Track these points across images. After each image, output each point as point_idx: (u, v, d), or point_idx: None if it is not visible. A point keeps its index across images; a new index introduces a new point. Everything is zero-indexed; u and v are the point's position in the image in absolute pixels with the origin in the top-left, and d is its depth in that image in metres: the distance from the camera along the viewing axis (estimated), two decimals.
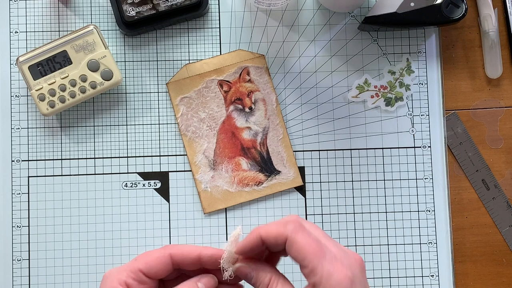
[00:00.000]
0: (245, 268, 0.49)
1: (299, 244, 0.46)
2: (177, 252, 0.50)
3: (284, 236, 0.47)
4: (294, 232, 0.46)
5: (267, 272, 0.49)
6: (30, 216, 0.67)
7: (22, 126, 0.68)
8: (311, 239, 0.46)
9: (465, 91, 0.70)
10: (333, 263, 0.46)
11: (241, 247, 0.49)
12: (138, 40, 0.69)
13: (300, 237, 0.46)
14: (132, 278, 0.49)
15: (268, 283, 0.48)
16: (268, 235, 0.47)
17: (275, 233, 0.47)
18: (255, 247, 0.49)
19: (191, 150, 0.68)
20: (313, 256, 0.46)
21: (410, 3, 0.65)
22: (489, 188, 0.69)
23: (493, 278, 0.69)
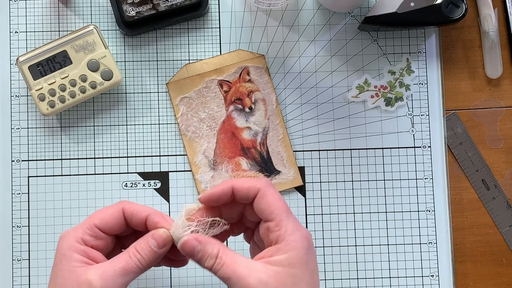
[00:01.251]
0: (192, 241, 0.49)
1: (270, 197, 0.49)
2: (128, 209, 0.52)
3: (257, 188, 0.49)
4: (266, 186, 0.49)
5: (215, 244, 0.49)
6: (30, 216, 0.67)
7: (22, 126, 0.68)
8: (280, 197, 0.49)
9: (465, 91, 0.70)
10: (296, 223, 0.49)
11: (209, 194, 0.50)
12: (138, 40, 0.69)
13: (271, 191, 0.49)
14: (88, 234, 0.51)
15: (217, 254, 0.48)
16: (241, 187, 0.50)
17: (248, 185, 0.49)
18: (223, 196, 0.50)
19: (191, 150, 0.68)
20: (281, 210, 0.48)
21: (410, 3, 0.65)
22: (489, 188, 0.69)
23: (493, 278, 0.69)
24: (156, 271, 0.67)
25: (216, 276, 0.48)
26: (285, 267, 0.46)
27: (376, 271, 0.68)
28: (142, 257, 0.50)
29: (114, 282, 0.48)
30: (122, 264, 0.49)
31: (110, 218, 0.51)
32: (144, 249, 0.50)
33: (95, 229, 0.51)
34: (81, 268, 0.49)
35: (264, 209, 0.49)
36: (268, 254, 0.48)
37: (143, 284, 0.66)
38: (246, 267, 0.47)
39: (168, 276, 0.67)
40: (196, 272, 0.67)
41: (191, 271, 0.67)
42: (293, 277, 0.46)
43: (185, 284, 0.67)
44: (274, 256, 0.47)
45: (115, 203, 0.53)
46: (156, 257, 0.51)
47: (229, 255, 0.48)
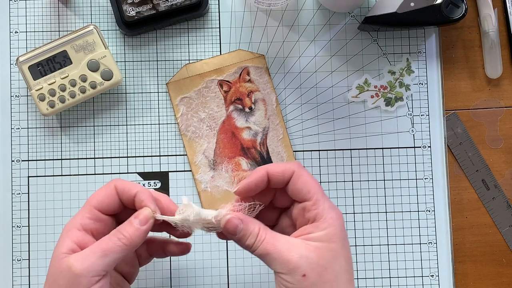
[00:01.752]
0: (235, 219, 0.50)
1: (305, 178, 0.50)
2: (120, 186, 0.52)
3: (291, 170, 0.50)
4: (300, 168, 0.50)
5: (255, 223, 0.50)
6: (30, 216, 0.67)
7: (22, 126, 0.68)
8: (314, 178, 0.51)
9: (465, 91, 0.70)
10: (330, 202, 0.50)
11: (246, 185, 0.51)
12: (138, 40, 0.69)
13: (306, 172, 0.50)
14: (87, 218, 0.51)
15: (258, 232, 0.49)
16: (275, 170, 0.50)
17: (282, 167, 0.50)
18: (260, 184, 0.51)
19: (191, 150, 0.68)
20: (317, 189, 0.50)
21: (410, 3, 0.65)
22: (489, 188, 0.69)
23: (493, 278, 0.69)
24: (156, 271, 0.67)
25: (255, 254, 0.49)
26: (325, 242, 0.48)
27: (376, 271, 0.68)
28: (123, 235, 0.49)
29: (94, 264, 0.48)
30: (101, 245, 0.49)
31: (105, 197, 0.52)
32: (126, 227, 0.50)
33: (93, 210, 0.51)
34: (65, 255, 0.49)
35: (301, 189, 0.50)
36: (306, 231, 0.49)
37: (143, 284, 0.66)
38: (286, 243, 0.48)
39: (168, 276, 0.67)
40: (196, 272, 0.67)
41: (191, 271, 0.67)
42: (333, 251, 0.47)
43: (185, 284, 0.67)
44: (313, 233, 0.48)
45: (108, 182, 0.53)
46: (138, 235, 0.50)
47: (269, 233, 0.49)
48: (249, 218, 0.50)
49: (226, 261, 0.67)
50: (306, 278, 0.46)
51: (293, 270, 0.47)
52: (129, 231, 0.50)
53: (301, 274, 0.46)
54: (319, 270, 0.47)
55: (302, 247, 0.47)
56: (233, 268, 0.67)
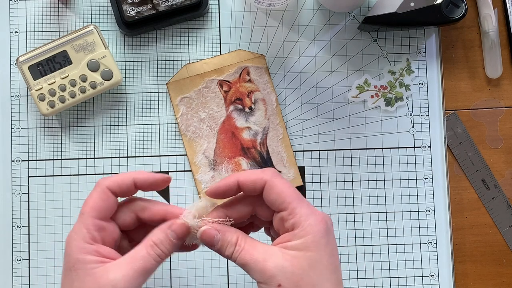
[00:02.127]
0: (211, 230, 0.49)
1: (279, 187, 0.48)
2: (111, 184, 0.50)
3: (263, 180, 0.49)
4: (273, 176, 0.49)
5: (233, 233, 0.49)
6: (30, 216, 0.67)
7: (22, 126, 0.68)
8: (289, 185, 0.49)
9: (465, 91, 0.70)
10: (310, 207, 0.48)
11: (215, 188, 0.50)
12: (138, 40, 0.69)
13: (279, 181, 0.49)
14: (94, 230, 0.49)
15: (236, 241, 0.49)
16: (246, 179, 0.49)
17: (254, 177, 0.49)
18: (229, 190, 0.50)
19: (191, 150, 0.68)
20: (293, 198, 0.48)
21: (410, 3, 0.65)
22: (489, 188, 0.69)
23: (493, 278, 0.69)
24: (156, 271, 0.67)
25: (236, 263, 0.49)
26: (302, 251, 0.47)
27: (376, 271, 0.68)
28: (162, 251, 0.49)
29: (136, 282, 0.47)
30: (141, 263, 0.48)
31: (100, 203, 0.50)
32: (164, 241, 0.49)
33: (96, 221, 0.49)
34: (99, 269, 0.47)
35: (275, 200, 0.49)
36: (284, 239, 0.48)
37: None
38: (263, 252, 0.47)
39: (168, 276, 0.67)
40: (196, 272, 0.67)
41: (191, 271, 0.67)
42: (310, 260, 0.46)
43: (185, 284, 0.67)
44: (291, 242, 0.47)
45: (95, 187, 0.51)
46: (174, 249, 0.50)
47: (248, 241, 0.49)
48: (227, 227, 0.50)
49: (226, 261, 0.67)
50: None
51: (269, 279, 0.46)
52: (167, 246, 0.49)
53: (276, 284, 0.46)
54: (295, 279, 0.46)
55: (278, 256, 0.47)
56: (233, 268, 0.67)
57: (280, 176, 0.49)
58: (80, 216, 0.50)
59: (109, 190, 0.50)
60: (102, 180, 0.51)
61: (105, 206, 0.50)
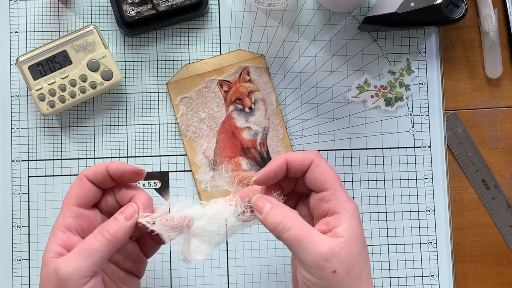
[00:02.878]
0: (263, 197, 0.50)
1: (323, 168, 0.49)
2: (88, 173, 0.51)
3: (310, 159, 0.49)
4: (318, 156, 0.49)
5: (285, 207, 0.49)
6: (30, 216, 0.67)
7: (22, 126, 0.68)
8: (332, 168, 0.50)
9: (465, 91, 0.70)
10: (347, 193, 0.49)
11: (265, 173, 0.50)
12: (138, 40, 0.69)
13: (324, 161, 0.49)
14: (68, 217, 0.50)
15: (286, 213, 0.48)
16: (294, 159, 0.49)
17: (301, 156, 0.50)
18: (279, 172, 0.50)
19: (191, 150, 0.68)
20: (335, 180, 0.49)
21: (410, 3, 0.65)
22: (489, 188, 0.69)
23: (493, 278, 0.69)
24: (156, 271, 0.67)
25: (283, 237, 0.47)
26: (351, 236, 0.46)
27: (376, 271, 0.68)
28: (108, 231, 0.48)
29: (80, 266, 0.47)
30: (86, 245, 0.48)
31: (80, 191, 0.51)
32: (110, 223, 0.49)
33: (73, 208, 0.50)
34: (52, 259, 0.48)
35: (318, 179, 0.49)
36: (331, 225, 0.47)
37: (143, 284, 0.66)
38: (318, 234, 0.47)
39: (168, 276, 0.67)
40: (196, 272, 0.67)
41: (191, 271, 0.67)
42: (358, 246, 0.47)
43: (185, 284, 0.67)
44: (339, 227, 0.47)
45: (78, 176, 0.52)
46: (123, 230, 0.49)
47: (299, 218, 0.48)
48: (279, 201, 0.50)
49: (226, 261, 0.67)
50: (336, 274, 0.45)
51: (324, 263, 0.45)
52: (113, 227, 0.49)
53: (331, 270, 0.45)
54: (348, 266, 0.46)
55: (332, 242, 0.46)
56: (233, 268, 0.67)
57: (323, 157, 0.50)
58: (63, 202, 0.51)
59: (86, 178, 0.51)
60: (82, 170, 0.52)
61: (82, 193, 0.51)
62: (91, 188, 0.51)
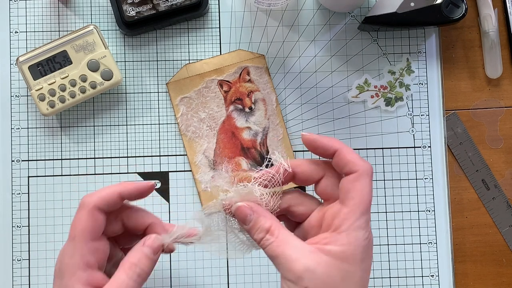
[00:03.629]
0: (246, 208, 0.48)
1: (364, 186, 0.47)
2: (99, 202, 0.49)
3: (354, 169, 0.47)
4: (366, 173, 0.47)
5: (268, 218, 0.48)
6: (30, 216, 0.67)
7: (22, 126, 0.68)
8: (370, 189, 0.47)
9: (465, 91, 0.70)
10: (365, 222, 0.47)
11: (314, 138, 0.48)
12: (138, 40, 0.69)
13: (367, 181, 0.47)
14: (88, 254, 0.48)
15: (268, 228, 0.47)
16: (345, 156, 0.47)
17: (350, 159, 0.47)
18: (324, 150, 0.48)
19: (191, 150, 0.68)
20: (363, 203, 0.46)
21: (410, 3, 0.65)
22: (489, 188, 0.69)
23: (493, 278, 0.69)
24: (156, 271, 0.67)
25: (265, 252, 0.47)
26: (337, 260, 0.45)
27: (376, 271, 0.68)
28: (141, 269, 0.48)
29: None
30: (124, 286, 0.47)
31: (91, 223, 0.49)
32: (141, 259, 0.48)
33: (89, 244, 0.48)
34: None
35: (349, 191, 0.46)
36: (323, 240, 0.46)
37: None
38: (296, 250, 0.45)
39: (168, 276, 0.67)
40: (196, 272, 0.67)
41: (191, 271, 0.67)
42: (343, 272, 0.45)
43: (185, 284, 0.67)
44: (329, 245, 0.45)
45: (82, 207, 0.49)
46: (154, 264, 0.49)
47: (282, 232, 0.47)
48: (264, 211, 0.48)
49: (226, 261, 0.67)
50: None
51: (297, 280, 0.44)
52: (145, 263, 0.48)
53: (303, 286, 0.44)
54: (323, 287, 0.44)
55: (311, 258, 0.45)
56: (233, 268, 0.67)
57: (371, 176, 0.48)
58: (71, 240, 0.49)
59: (97, 209, 0.49)
60: (87, 198, 0.49)
61: (95, 226, 0.49)
62: (103, 219, 0.50)
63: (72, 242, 0.49)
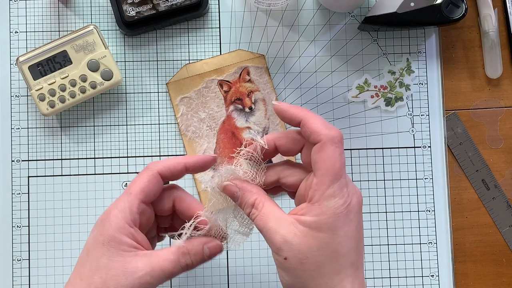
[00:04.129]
0: (231, 186, 0.50)
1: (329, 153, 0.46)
2: (163, 169, 0.51)
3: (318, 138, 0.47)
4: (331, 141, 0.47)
5: (253, 194, 0.49)
6: (30, 216, 0.67)
7: (22, 126, 0.68)
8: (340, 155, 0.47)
9: (465, 91, 0.70)
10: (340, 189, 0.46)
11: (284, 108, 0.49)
12: (138, 40, 0.69)
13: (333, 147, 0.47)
14: (136, 213, 0.49)
15: (253, 203, 0.48)
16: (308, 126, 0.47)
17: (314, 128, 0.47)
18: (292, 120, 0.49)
19: (191, 150, 0.68)
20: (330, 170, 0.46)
21: (410, 3, 0.65)
22: (489, 188, 0.69)
23: (493, 278, 0.69)
24: None
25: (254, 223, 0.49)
26: (312, 230, 0.46)
27: (376, 271, 0.68)
28: (192, 262, 0.50)
29: (158, 281, 0.48)
30: (170, 266, 0.48)
31: (150, 187, 0.50)
32: (197, 254, 0.50)
33: (141, 204, 0.50)
34: (130, 253, 0.48)
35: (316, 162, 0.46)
36: (300, 211, 0.47)
37: None
38: (277, 222, 0.47)
39: None
40: (196, 272, 0.67)
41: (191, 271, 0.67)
42: (319, 241, 0.45)
43: (185, 284, 0.67)
44: (304, 216, 0.46)
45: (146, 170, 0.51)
46: (201, 263, 0.51)
47: (266, 206, 0.48)
48: (249, 186, 0.50)
49: (226, 261, 0.67)
50: (287, 261, 0.46)
51: (278, 251, 0.46)
52: (198, 259, 0.50)
53: (283, 256, 0.46)
54: (300, 257, 0.46)
55: (289, 229, 0.46)
56: (233, 268, 0.67)
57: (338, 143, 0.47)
58: (126, 194, 0.50)
59: (160, 175, 0.51)
60: (153, 164, 0.51)
61: (153, 190, 0.51)
62: (160, 186, 0.51)
63: (126, 197, 0.50)
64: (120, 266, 0.48)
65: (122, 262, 0.48)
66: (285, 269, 0.46)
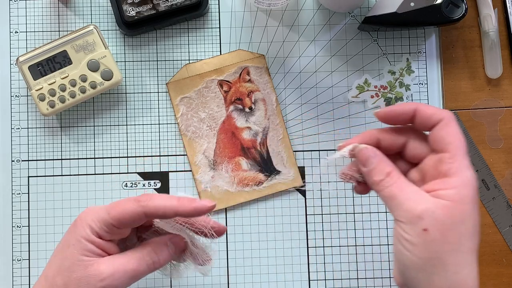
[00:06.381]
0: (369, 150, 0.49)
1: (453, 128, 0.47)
2: (152, 212, 0.49)
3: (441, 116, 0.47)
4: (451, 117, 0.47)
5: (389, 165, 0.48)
6: (30, 216, 0.67)
7: (22, 126, 0.68)
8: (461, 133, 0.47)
9: (465, 91, 0.70)
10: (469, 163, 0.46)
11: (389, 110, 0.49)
12: (138, 40, 0.69)
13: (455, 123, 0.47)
14: (104, 231, 0.50)
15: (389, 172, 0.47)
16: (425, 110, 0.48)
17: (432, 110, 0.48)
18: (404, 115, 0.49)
19: (191, 150, 0.68)
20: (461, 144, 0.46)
21: (410, 3, 0.65)
22: (489, 188, 0.69)
23: (493, 278, 0.69)
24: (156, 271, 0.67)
25: (380, 194, 0.47)
26: (456, 202, 0.44)
27: (376, 271, 0.68)
28: (159, 261, 0.50)
29: (124, 283, 0.48)
30: (135, 266, 0.49)
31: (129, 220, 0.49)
32: (164, 254, 0.50)
33: (114, 228, 0.50)
34: (93, 258, 0.49)
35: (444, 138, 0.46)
36: (436, 187, 0.46)
37: (143, 284, 0.66)
38: (415, 192, 0.46)
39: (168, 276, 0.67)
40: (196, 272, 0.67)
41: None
42: (463, 214, 0.44)
43: (185, 284, 0.67)
44: (444, 190, 0.45)
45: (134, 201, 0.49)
46: (169, 260, 0.51)
47: (401, 177, 0.47)
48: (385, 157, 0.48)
49: (226, 261, 0.67)
50: (427, 233, 0.44)
51: (415, 221, 0.44)
52: (165, 257, 0.50)
53: (422, 227, 0.44)
54: (443, 229, 0.44)
55: (431, 201, 0.44)
56: (233, 268, 0.67)
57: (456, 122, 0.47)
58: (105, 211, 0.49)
59: (145, 215, 0.49)
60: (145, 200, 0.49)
61: (131, 224, 0.50)
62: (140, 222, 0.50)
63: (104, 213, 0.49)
64: (82, 269, 0.48)
65: (84, 266, 0.48)
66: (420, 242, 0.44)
